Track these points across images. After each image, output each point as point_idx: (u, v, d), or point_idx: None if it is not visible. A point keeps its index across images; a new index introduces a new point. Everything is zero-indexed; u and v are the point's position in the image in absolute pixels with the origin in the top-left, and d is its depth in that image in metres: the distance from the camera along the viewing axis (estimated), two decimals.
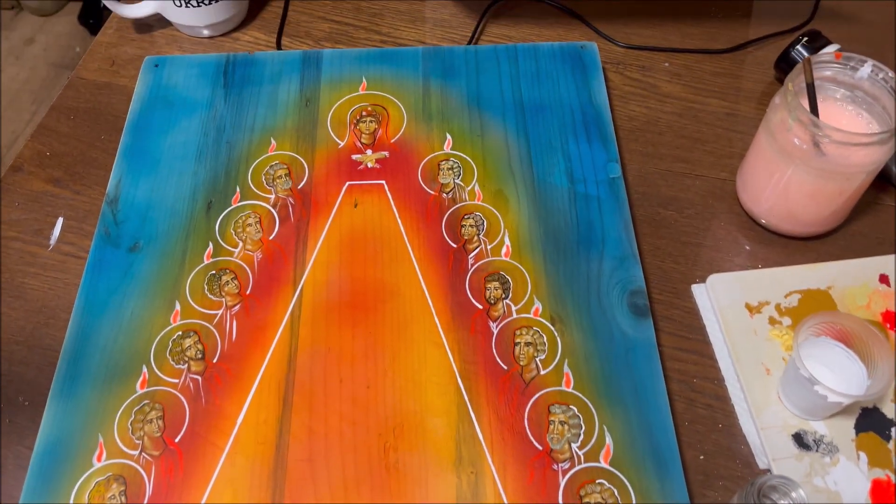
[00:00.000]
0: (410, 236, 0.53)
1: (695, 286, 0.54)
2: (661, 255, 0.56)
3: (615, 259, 0.52)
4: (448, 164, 0.57)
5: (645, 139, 0.62)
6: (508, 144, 0.58)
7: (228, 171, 0.57)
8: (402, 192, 0.56)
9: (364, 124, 0.59)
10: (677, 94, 0.66)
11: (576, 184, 0.56)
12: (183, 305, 0.50)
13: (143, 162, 0.58)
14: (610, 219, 0.54)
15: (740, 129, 0.63)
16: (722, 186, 0.60)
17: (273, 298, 0.51)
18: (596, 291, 0.51)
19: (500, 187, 0.56)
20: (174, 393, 0.47)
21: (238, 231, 0.54)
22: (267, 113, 0.60)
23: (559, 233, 0.53)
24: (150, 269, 0.52)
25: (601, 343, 0.48)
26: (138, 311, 0.50)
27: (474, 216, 0.54)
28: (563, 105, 0.60)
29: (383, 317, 0.50)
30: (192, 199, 0.55)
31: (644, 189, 0.59)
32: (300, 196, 0.55)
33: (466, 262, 0.52)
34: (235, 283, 0.51)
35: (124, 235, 0.54)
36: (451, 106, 0.60)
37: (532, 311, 0.50)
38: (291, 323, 0.49)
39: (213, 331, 0.49)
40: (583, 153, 0.57)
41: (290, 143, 0.58)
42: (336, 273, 0.52)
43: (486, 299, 0.50)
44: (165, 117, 0.60)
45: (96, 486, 0.44)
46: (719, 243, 0.57)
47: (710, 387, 0.50)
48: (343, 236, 0.53)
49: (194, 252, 0.53)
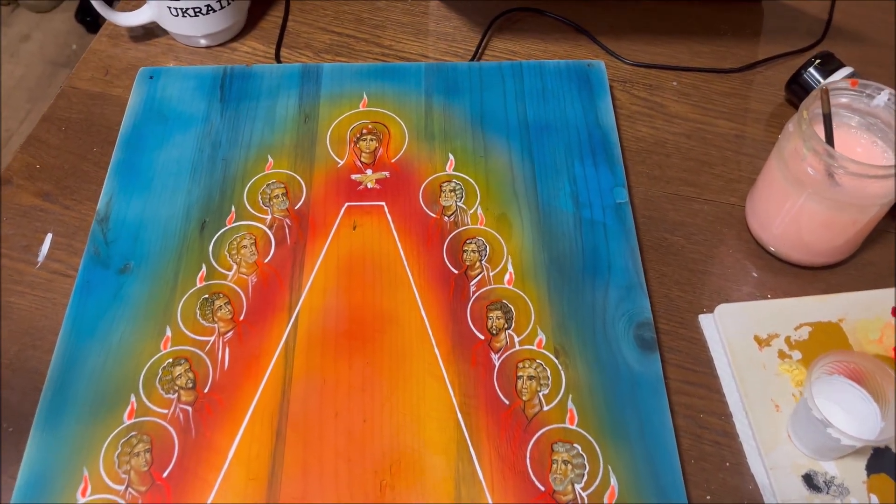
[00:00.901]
0: (410, 261, 0.52)
1: (702, 316, 0.53)
2: (667, 282, 0.54)
3: (621, 288, 0.51)
4: (450, 186, 0.55)
5: (652, 161, 0.61)
6: (513, 166, 0.56)
7: (223, 190, 0.55)
8: (403, 214, 0.54)
9: (364, 143, 0.58)
10: (685, 115, 0.64)
11: (581, 208, 0.54)
12: (174, 331, 0.49)
13: (135, 179, 0.56)
14: (616, 246, 0.52)
15: (749, 152, 0.62)
16: (730, 212, 0.58)
17: (267, 325, 0.49)
18: (601, 322, 0.49)
19: (503, 211, 0.54)
20: (163, 424, 0.45)
21: (232, 253, 0.52)
22: (264, 129, 0.58)
23: (564, 260, 0.52)
24: (140, 292, 0.50)
25: (606, 377, 0.47)
26: (128, 337, 0.48)
27: (476, 241, 0.53)
28: (568, 126, 0.59)
29: (381, 346, 0.48)
30: (186, 218, 0.54)
31: (651, 213, 0.58)
32: (297, 217, 0.54)
33: (468, 290, 0.50)
34: (229, 309, 0.50)
35: (114, 256, 0.52)
36: (454, 125, 0.59)
37: (535, 343, 0.48)
38: (286, 352, 0.48)
39: (204, 359, 0.48)
40: (589, 176, 0.56)
41: (287, 161, 0.57)
42: (333, 299, 0.50)
43: (487, 329, 0.49)
44: (159, 132, 0.58)
45: None
46: (727, 271, 0.55)
47: (718, 423, 0.48)
48: (341, 260, 0.52)
49: (187, 274, 0.51)
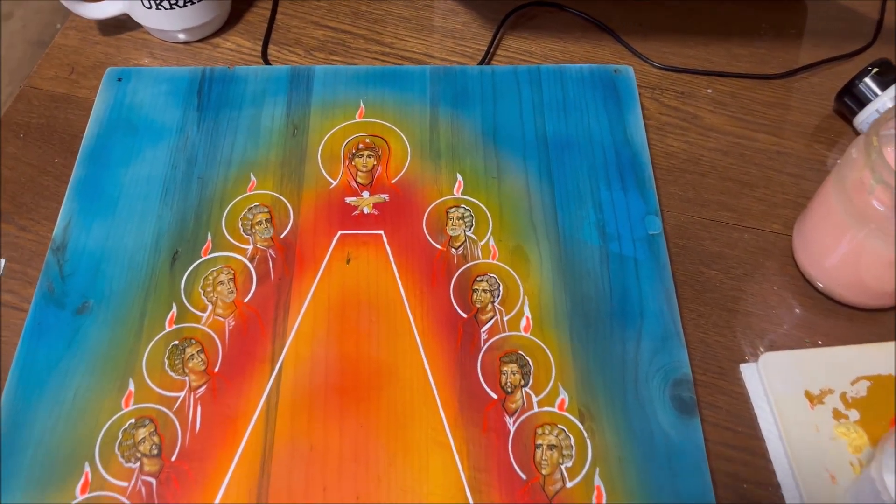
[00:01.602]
0: (412, 302, 0.45)
1: (744, 366, 0.46)
2: (704, 325, 0.48)
3: (656, 339, 0.44)
4: (458, 213, 0.48)
5: (685, 181, 0.54)
6: (530, 190, 0.49)
7: (199, 215, 0.48)
8: (404, 245, 0.47)
9: (361, 160, 0.51)
10: (722, 127, 0.57)
11: (609, 241, 0.47)
12: (138, 385, 0.42)
13: (98, 200, 0.49)
14: (649, 286, 0.46)
15: (792, 171, 0.55)
16: (774, 242, 0.51)
17: (246, 379, 0.42)
18: (633, 380, 0.42)
19: (519, 243, 0.47)
20: (122, 501, 0.39)
21: (208, 291, 0.45)
22: (247, 142, 0.51)
23: (589, 303, 0.45)
24: (100, 338, 0.43)
25: (639, 447, 0.40)
26: (84, 392, 0.42)
27: (488, 278, 0.46)
28: (593, 143, 0.51)
29: (378, 407, 0.41)
30: (155, 248, 0.47)
31: (684, 242, 0.51)
32: (282, 248, 0.47)
33: (478, 338, 0.44)
34: (202, 358, 0.43)
35: (71, 293, 0.45)
36: (463, 140, 0.51)
37: (557, 404, 0.42)
38: (267, 412, 0.41)
39: (172, 419, 0.41)
40: (617, 203, 0.49)
41: (272, 181, 0.50)
42: (322, 348, 0.43)
43: (501, 386, 0.42)
44: (127, 144, 0.51)
45: None
46: (772, 312, 0.48)
47: (764, 495, 0.42)
48: (332, 301, 0.45)
49: (154, 316, 0.44)
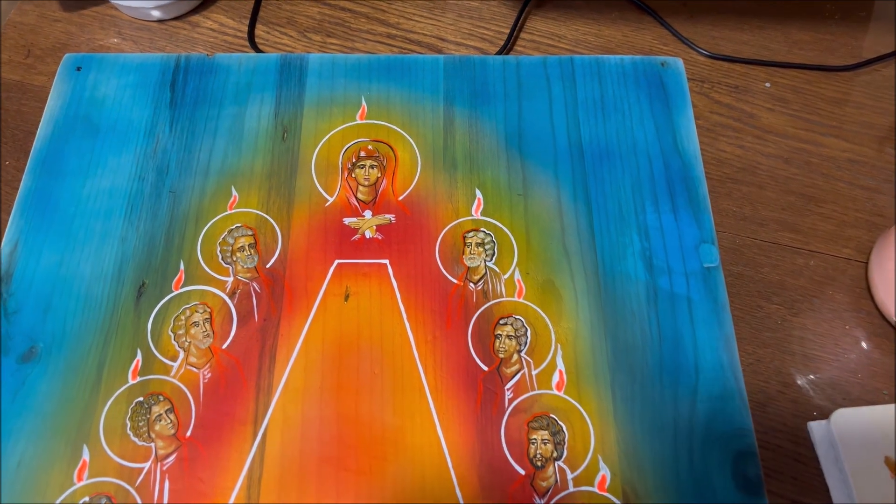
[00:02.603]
0: (423, 350, 0.38)
1: (813, 424, 0.39)
2: (764, 371, 0.40)
3: (714, 399, 0.37)
4: (477, 238, 0.41)
5: (740, 194, 0.46)
6: (562, 210, 0.42)
7: (170, 237, 0.41)
8: (413, 278, 0.40)
9: (362, 171, 0.43)
10: (782, 129, 0.49)
11: (657, 275, 0.40)
12: (94, 453, 0.35)
13: (50, 218, 0.41)
14: (705, 332, 0.38)
15: (866, 184, 0.47)
16: (845, 269, 0.44)
17: (224, 446, 0.35)
18: (687, 452, 0.35)
19: (549, 277, 0.40)
20: None
21: (179, 334, 0.38)
22: (228, 148, 0.43)
23: (634, 353, 0.38)
24: (50, 390, 0.36)
25: None
26: (29, 460, 0.35)
27: (513, 321, 0.38)
28: (637, 152, 0.43)
29: (382, 483, 0.34)
30: (117, 279, 0.39)
31: (739, 269, 0.43)
32: (269, 280, 0.39)
33: (502, 396, 0.36)
34: (171, 420, 0.36)
35: (16, 335, 0.38)
36: (483, 147, 0.44)
37: (596, 483, 0.35)
38: (248, 488, 0.34)
39: (134, 497, 0.34)
40: (666, 228, 0.41)
41: (258, 197, 0.42)
42: (315, 407, 0.36)
43: (529, 459, 0.35)
44: (86, 149, 0.43)
45: None
46: (845, 356, 0.41)
47: None
48: (328, 346, 0.38)
49: (115, 365, 0.37)
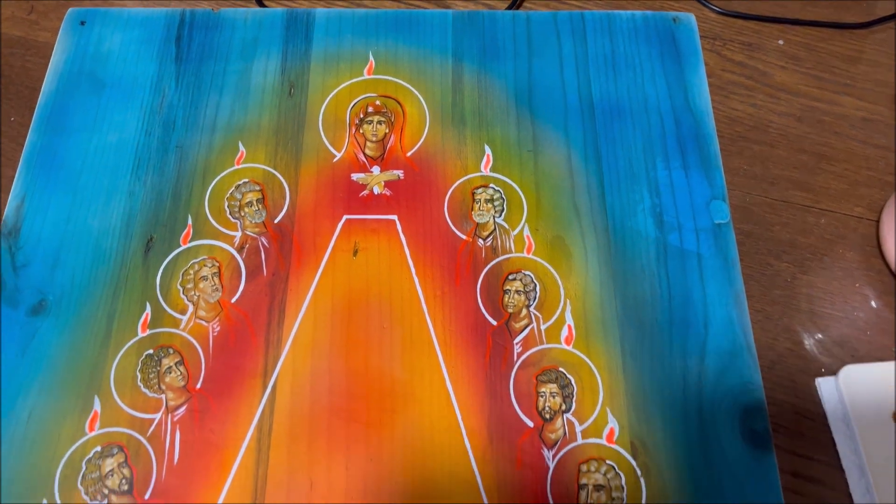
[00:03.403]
0: (432, 304, 0.37)
1: (821, 380, 0.39)
2: (773, 329, 0.40)
3: (723, 354, 0.37)
4: (486, 195, 0.40)
5: (751, 153, 0.46)
6: (572, 166, 0.41)
7: (177, 192, 0.40)
8: (422, 234, 0.39)
9: (370, 127, 0.42)
10: (795, 87, 0.48)
11: (667, 232, 0.40)
12: (105, 404, 0.35)
13: (56, 174, 0.41)
14: (715, 289, 0.38)
15: (881, 143, 0.46)
16: (856, 228, 0.44)
17: (234, 398, 0.35)
18: (696, 406, 0.35)
19: (559, 233, 0.39)
20: None
21: (188, 287, 0.38)
22: (235, 104, 0.43)
23: (643, 308, 0.38)
24: (59, 343, 0.36)
25: (703, 490, 0.34)
26: (40, 412, 0.35)
27: (522, 276, 0.38)
28: (648, 109, 0.43)
29: (391, 435, 0.35)
30: (125, 233, 0.39)
31: (750, 228, 0.43)
32: (277, 235, 0.39)
33: (511, 350, 0.36)
34: (181, 372, 0.36)
35: (25, 288, 0.38)
36: (492, 104, 0.43)
37: (605, 435, 0.35)
38: (259, 439, 0.34)
39: (146, 446, 0.34)
40: (676, 184, 0.41)
41: (265, 152, 0.42)
42: (324, 361, 0.36)
43: (538, 412, 0.35)
44: (92, 105, 0.43)
45: None
46: (854, 314, 0.41)
47: None
48: (337, 301, 0.38)
49: (124, 318, 0.37)
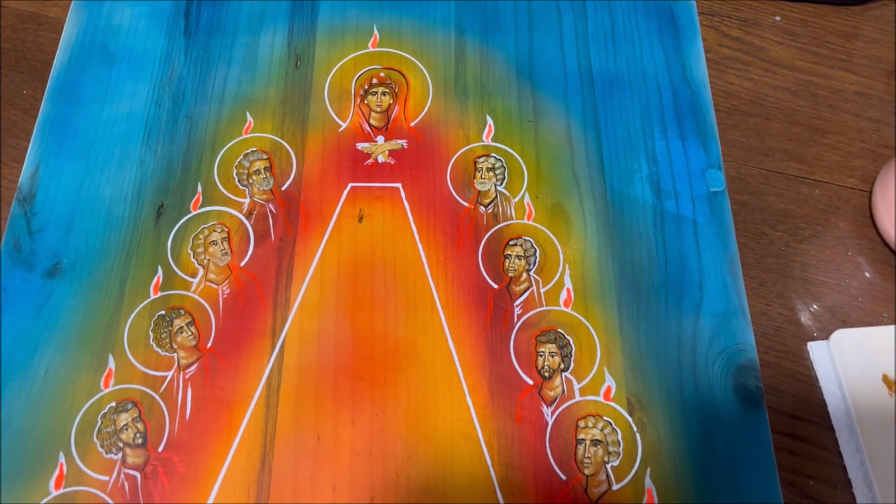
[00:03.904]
0: (435, 269, 0.39)
1: (812, 344, 0.40)
2: (767, 295, 0.41)
3: (717, 316, 0.38)
4: (488, 163, 0.42)
5: (747, 126, 0.47)
6: (572, 136, 0.42)
7: (187, 161, 0.42)
8: (425, 201, 0.41)
9: (374, 98, 0.44)
10: (791, 62, 0.49)
11: (664, 199, 0.41)
12: (119, 362, 0.36)
13: (70, 141, 0.42)
14: (710, 254, 0.39)
15: (874, 116, 0.47)
16: (849, 198, 0.45)
17: (243, 357, 0.37)
18: (690, 366, 0.37)
19: (559, 200, 0.41)
20: (102, 497, 0.34)
21: (198, 251, 0.39)
22: (242, 75, 0.44)
23: (640, 272, 0.39)
24: (74, 304, 0.38)
25: (696, 445, 0.35)
26: (56, 369, 0.36)
27: (523, 242, 0.39)
28: (646, 81, 0.44)
29: (396, 391, 0.36)
30: (137, 200, 0.40)
31: (745, 198, 0.44)
32: (284, 202, 0.40)
33: (511, 312, 0.38)
34: (192, 332, 0.37)
35: (41, 251, 0.39)
36: (494, 77, 0.44)
37: (602, 392, 0.36)
38: (268, 396, 0.36)
39: (159, 402, 0.36)
40: (673, 154, 0.42)
41: (272, 122, 0.43)
42: (331, 322, 0.37)
43: (537, 370, 0.36)
44: (103, 77, 0.44)
45: None
46: (846, 281, 0.42)
47: (833, 494, 0.37)
48: (342, 265, 0.39)
49: (137, 281, 0.38)
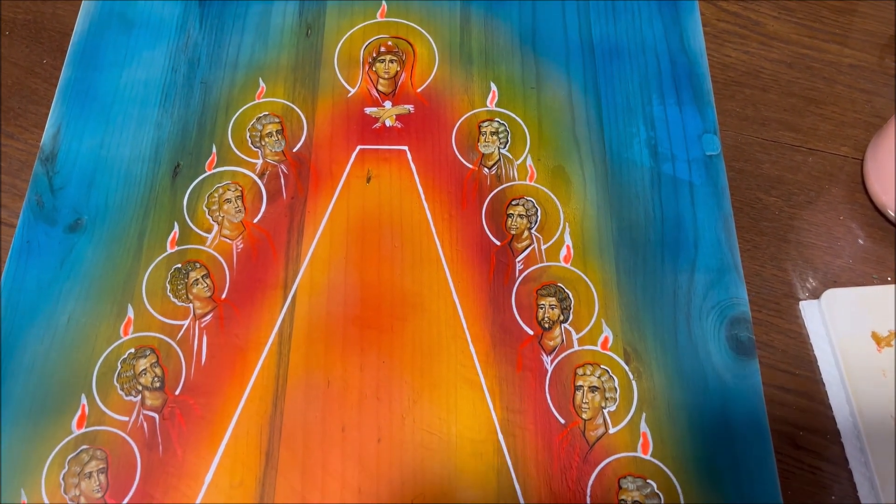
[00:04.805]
0: (440, 227, 0.40)
1: (804, 303, 0.42)
2: (760, 256, 0.43)
3: (711, 271, 0.39)
4: (492, 127, 0.43)
5: (743, 96, 0.48)
6: (573, 102, 0.44)
7: (202, 124, 0.43)
8: (431, 163, 0.42)
9: (382, 65, 0.45)
10: (786, 36, 0.51)
11: (661, 162, 0.42)
12: (137, 311, 0.38)
13: (90, 104, 0.44)
14: (705, 213, 0.41)
15: (867, 87, 0.49)
16: (842, 166, 0.46)
17: (256, 307, 0.38)
18: (685, 317, 0.38)
19: (560, 163, 0.42)
20: (122, 436, 0.35)
21: (213, 209, 0.41)
22: (255, 43, 0.46)
23: (637, 230, 0.40)
24: (95, 257, 0.39)
25: (691, 392, 0.36)
26: (78, 317, 0.38)
27: (525, 202, 0.41)
28: (645, 50, 0.46)
29: (402, 339, 0.37)
30: (154, 160, 0.42)
31: (741, 165, 0.46)
32: (295, 163, 0.42)
33: (513, 267, 0.39)
34: (207, 284, 0.39)
35: (63, 208, 0.41)
36: (498, 45, 0.46)
37: (599, 343, 0.37)
38: (280, 343, 0.37)
39: (176, 349, 0.37)
40: (671, 119, 0.43)
41: (284, 87, 0.44)
42: (340, 275, 0.39)
43: (538, 321, 0.38)
44: (121, 43, 0.46)
45: None
46: (837, 244, 0.44)
47: (822, 444, 0.38)
48: (351, 222, 0.40)
49: (154, 236, 0.40)
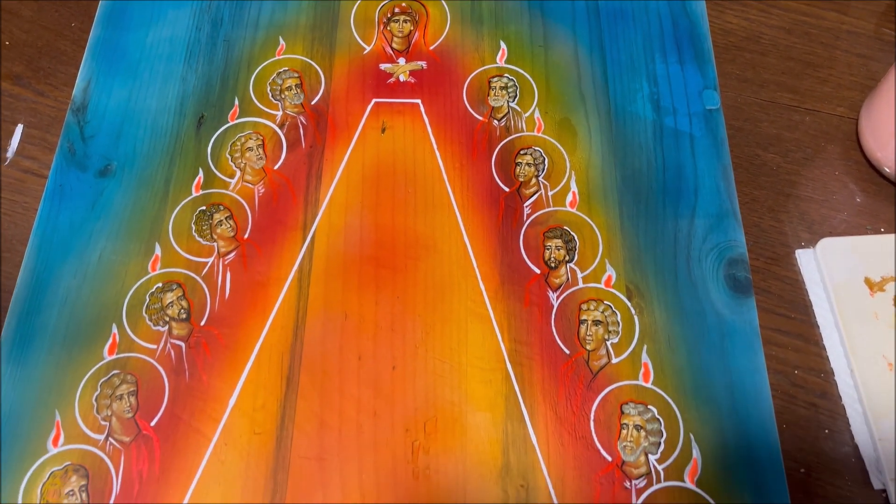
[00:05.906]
0: (451, 174, 0.42)
1: (800, 252, 0.44)
2: (759, 209, 0.45)
3: (710, 217, 0.41)
4: (501, 83, 0.45)
5: (743, 60, 0.50)
6: (579, 60, 0.46)
7: (225, 78, 0.45)
8: (443, 115, 0.44)
9: (396, 24, 0.47)
10: (785, 3, 0.52)
11: (663, 115, 0.44)
12: (164, 249, 0.40)
13: (118, 61, 0.46)
14: (705, 163, 0.43)
15: (862, 52, 0.50)
16: (838, 125, 0.48)
17: (277, 246, 0.40)
18: (685, 258, 0.40)
19: (566, 115, 0.44)
20: (151, 362, 0.37)
21: (235, 156, 0.43)
22: (275, 4, 0.48)
23: (640, 178, 0.42)
24: (124, 200, 0.41)
25: (690, 326, 0.38)
26: (108, 255, 0.40)
27: (533, 151, 0.43)
28: (648, 12, 0.47)
29: (415, 278, 0.39)
30: (179, 111, 0.44)
31: (740, 124, 0.48)
32: (314, 114, 0.44)
33: (521, 212, 0.41)
34: (231, 224, 0.41)
35: (93, 155, 0.43)
36: (507, 6, 0.48)
37: (603, 281, 0.39)
38: (300, 279, 0.39)
39: (201, 284, 0.39)
40: (673, 76, 0.45)
41: (302, 45, 0.46)
42: (357, 218, 0.41)
43: (544, 261, 0.40)
44: (147, 5, 0.48)
45: (51, 478, 0.35)
46: (832, 198, 0.45)
47: (816, 381, 0.40)
48: (367, 170, 0.42)
49: (180, 181, 0.42)
